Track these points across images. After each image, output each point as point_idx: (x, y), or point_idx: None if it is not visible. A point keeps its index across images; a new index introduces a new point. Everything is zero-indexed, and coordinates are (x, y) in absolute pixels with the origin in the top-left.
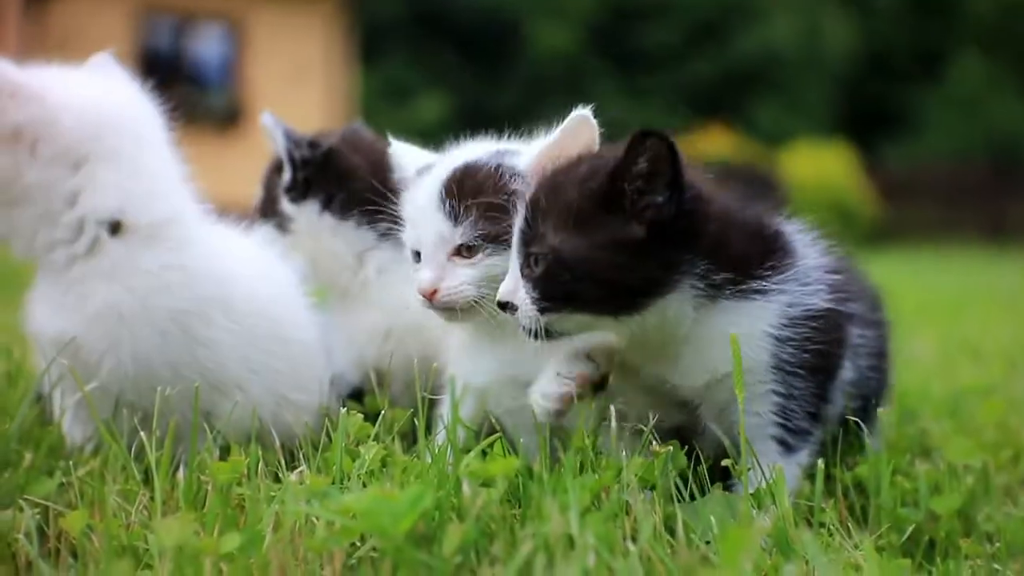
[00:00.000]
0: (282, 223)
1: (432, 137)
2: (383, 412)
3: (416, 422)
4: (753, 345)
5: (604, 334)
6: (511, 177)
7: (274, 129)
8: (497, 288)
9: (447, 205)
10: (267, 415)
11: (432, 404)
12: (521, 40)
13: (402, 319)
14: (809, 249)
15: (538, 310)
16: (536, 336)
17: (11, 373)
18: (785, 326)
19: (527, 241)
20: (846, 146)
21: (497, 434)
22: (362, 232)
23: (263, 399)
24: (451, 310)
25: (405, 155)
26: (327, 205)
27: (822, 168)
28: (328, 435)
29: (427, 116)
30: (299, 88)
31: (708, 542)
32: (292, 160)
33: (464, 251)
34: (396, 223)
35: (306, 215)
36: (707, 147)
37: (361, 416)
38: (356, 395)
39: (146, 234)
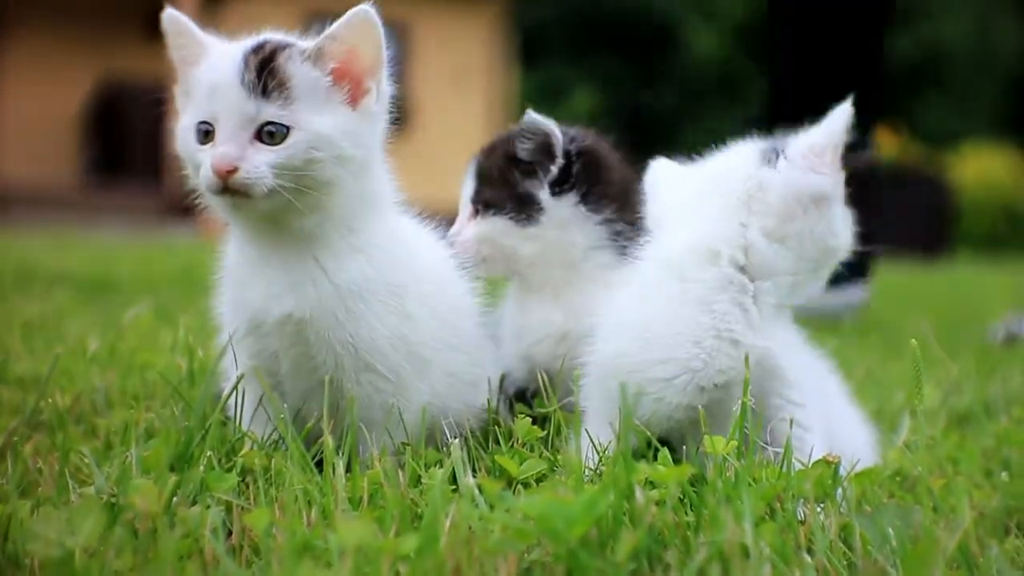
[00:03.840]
0: (524, 213)
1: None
2: (551, 416)
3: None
4: None
5: None
6: None
7: (545, 123)
8: None
9: None
10: (440, 405)
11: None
12: (674, 41)
13: (582, 323)
14: None
15: None
16: None
17: (193, 372)
18: None
19: None
20: (1016, 149)
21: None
22: (600, 228)
23: (441, 383)
24: None
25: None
26: (584, 199)
27: (991, 171)
28: (497, 439)
29: (579, 110)
30: (461, 92)
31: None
32: (567, 153)
33: None
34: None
35: (563, 207)
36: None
37: (529, 420)
38: (520, 395)
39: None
